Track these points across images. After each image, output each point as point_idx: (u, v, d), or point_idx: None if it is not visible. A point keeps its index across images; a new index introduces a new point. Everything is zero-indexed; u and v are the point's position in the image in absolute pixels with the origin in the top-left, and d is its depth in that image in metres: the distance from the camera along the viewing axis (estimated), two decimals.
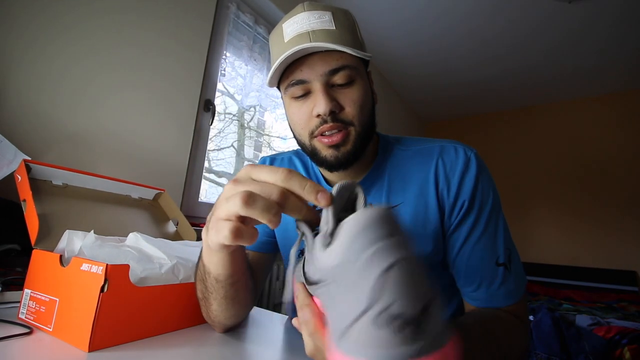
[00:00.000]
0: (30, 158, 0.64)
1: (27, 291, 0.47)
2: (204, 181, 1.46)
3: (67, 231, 0.50)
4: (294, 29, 0.51)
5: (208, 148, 1.48)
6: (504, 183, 3.38)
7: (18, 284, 0.54)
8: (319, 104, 0.50)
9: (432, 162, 0.57)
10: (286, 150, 0.74)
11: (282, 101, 0.60)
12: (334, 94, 0.52)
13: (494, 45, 2.49)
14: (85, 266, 0.41)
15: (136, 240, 0.56)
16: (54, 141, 0.94)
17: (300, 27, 0.51)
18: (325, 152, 0.53)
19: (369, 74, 0.59)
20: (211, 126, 1.47)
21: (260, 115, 1.96)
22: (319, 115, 0.51)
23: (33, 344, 0.39)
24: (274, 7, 1.74)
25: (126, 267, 0.42)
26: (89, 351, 0.38)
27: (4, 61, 0.85)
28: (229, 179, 1.74)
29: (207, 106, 1.44)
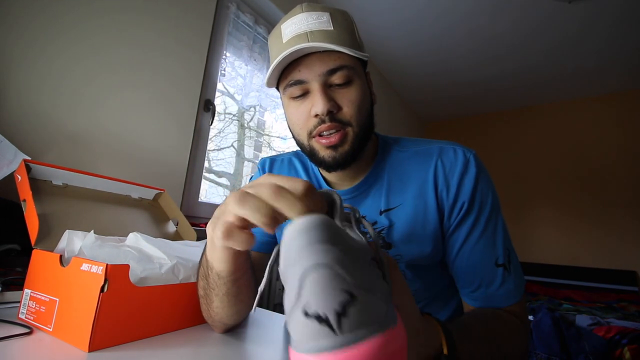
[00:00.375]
0: (30, 158, 0.64)
1: (27, 291, 0.47)
2: (204, 181, 1.46)
3: (67, 231, 0.50)
4: (292, 30, 0.51)
5: (208, 148, 1.48)
6: (504, 183, 3.38)
7: (18, 284, 0.54)
8: (316, 104, 0.51)
9: (431, 164, 0.57)
10: (286, 151, 0.74)
11: (281, 101, 0.60)
12: (331, 94, 0.52)
13: (494, 45, 2.49)
14: (85, 266, 0.41)
15: (136, 240, 0.56)
16: (54, 141, 0.94)
17: (298, 27, 0.51)
18: (323, 153, 0.53)
19: (367, 75, 0.59)
20: (211, 126, 1.47)
21: (260, 115, 1.96)
22: (317, 115, 0.51)
23: (33, 344, 0.39)
24: (274, 7, 1.74)
25: (126, 267, 0.42)
26: (89, 351, 0.38)
27: (4, 61, 0.85)
28: (229, 179, 1.74)
29: (207, 106, 1.44)
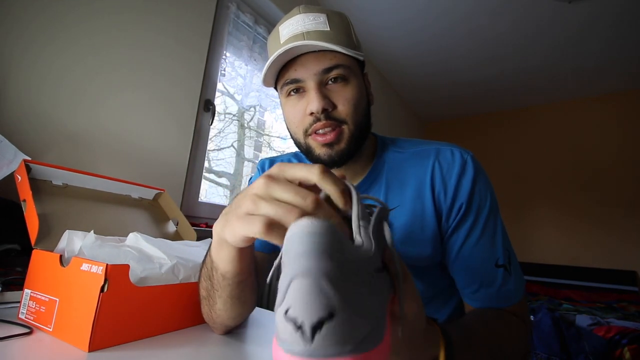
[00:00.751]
0: (30, 158, 0.64)
1: (27, 291, 0.47)
2: (204, 181, 1.46)
3: (67, 231, 0.50)
4: (290, 31, 0.52)
5: (208, 148, 1.48)
6: (504, 183, 3.38)
7: (18, 284, 0.54)
8: (312, 102, 0.51)
9: (429, 165, 0.57)
10: (286, 151, 0.74)
11: (279, 100, 0.61)
12: (327, 92, 0.53)
13: (494, 45, 2.49)
14: (85, 266, 0.41)
15: (136, 240, 0.56)
16: (54, 141, 0.94)
17: (295, 28, 0.52)
18: (319, 151, 0.54)
19: (365, 76, 0.60)
20: (211, 126, 1.47)
21: (260, 115, 1.96)
22: (312, 113, 0.52)
23: (33, 344, 0.39)
24: (274, 7, 1.74)
25: (126, 267, 0.42)
26: (89, 351, 0.38)
27: (4, 61, 0.85)
28: (229, 179, 1.74)
29: (207, 106, 1.44)
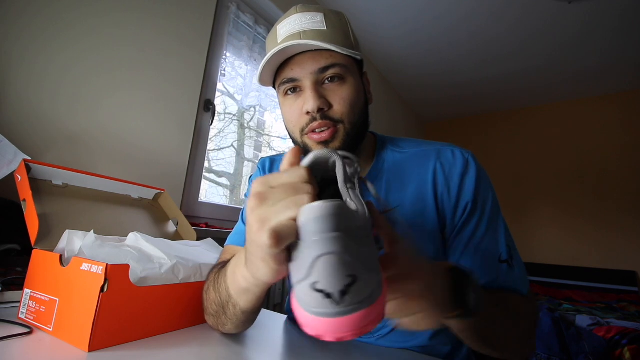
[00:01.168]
0: (30, 158, 0.64)
1: (27, 291, 0.47)
2: (204, 181, 1.46)
3: (67, 231, 0.50)
4: (287, 30, 0.52)
5: (208, 148, 1.48)
6: (504, 183, 3.38)
7: (18, 284, 0.54)
8: (307, 102, 0.52)
9: (430, 166, 0.57)
10: (286, 151, 0.74)
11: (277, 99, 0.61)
12: (323, 92, 0.53)
13: (494, 45, 2.48)
14: (85, 266, 0.41)
15: (136, 240, 0.57)
16: (54, 141, 0.94)
17: (292, 27, 0.52)
18: (315, 148, 0.54)
19: (364, 75, 0.60)
20: (211, 126, 1.47)
21: (260, 115, 1.96)
22: (308, 113, 0.52)
23: (33, 344, 0.39)
24: (274, 7, 1.74)
25: (126, 267, 0.42)
26: (89, 351, 0.38)
27: (4, 61, 0.85)
28: (229, 179, 1.74)
29: (207, 106, 1.44)
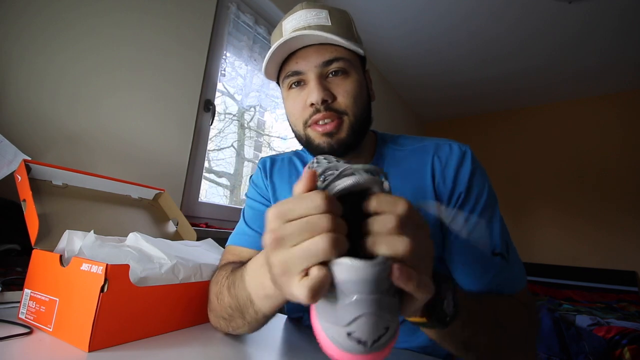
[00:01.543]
0: (30, 158, 0.64)
1: (27, 291, 0.47)
2: (204, 181, 1.46)
3: (67, 231, 0.50)
4: (292, 25, 0.54)
5: (208, 148, 1.48)
6: (504, 183, 3.38)
7: (18, 284, 0.54)
8: (312, 93, 0.52)
9: (428, 160, 0.58)
10: (286, 151, 0.74)
11: (281, 101, 0.61)
12: (327, 84, 0.54)
13: (494, 46, 2.48)
14: (85, 266, 0.41)
15: (136, 240, 0.57)
16: (54, 141, 0.94)
17: (297, 22, 0.53)
18: (319, 140, 0.55)
19: (367, 73, 0.61)
20: (211, 126, 1.47)
21: (260, 115, 1.96)
22: (312, 105, 0.53)
23: (33, 344, 0.39)
24: (274, 7, 1.74)
25: (126, 267, 0.42)
26: (89, 351, 0.38)
27: (4, 61, 0.85)
28: (229, 179, 1.74)
29: (207, 106, 1.44)
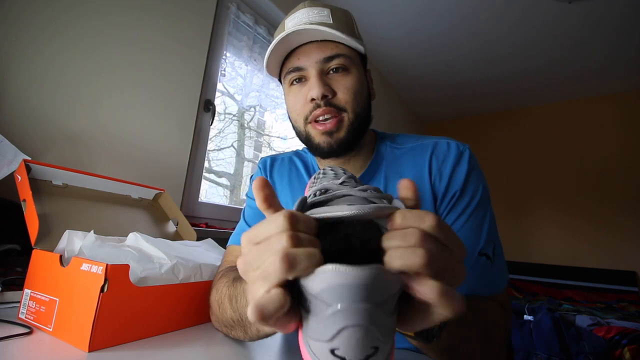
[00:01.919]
0: (30, 158, 0.64)
1: (27, 291, 0.47)
2: (204, 181, 1.46)
3: (67, 231, 0.50)
4: (294, 23, 0.54)
5: (208, 148, 1.48)
6: (504, 183, 3.38)
7: (18, 284, 0.54)
8: (312, 88, 0.53)
9: (426, 158, 0.58)
10: (286, 151, 0.74)
11: (281, 101, 0.61)
12: (328, 80, 0.54)
13: (495, 46, 2.48)
14: (85, 266, 0.41)
15: (136, 240, 0.56)
16: (54, 141, 0.94)
17: (299, 20, 0.54)
18: (319, 139, 0.55)
19: (368, 72, 0.61)
20: (211, 126, 1.47)
21: (260, 115, 1.96)
22: (312, 100, 0.53)
23: (33, 344, 0.39)
24: (274, 7, 1.74)
25: (126, 267, 0.42)
26: (89, 351, 0.38)
27: (4, 61, 0.85)
28: (229, 179, 1.74)
29: (207, 106, 1.44)
